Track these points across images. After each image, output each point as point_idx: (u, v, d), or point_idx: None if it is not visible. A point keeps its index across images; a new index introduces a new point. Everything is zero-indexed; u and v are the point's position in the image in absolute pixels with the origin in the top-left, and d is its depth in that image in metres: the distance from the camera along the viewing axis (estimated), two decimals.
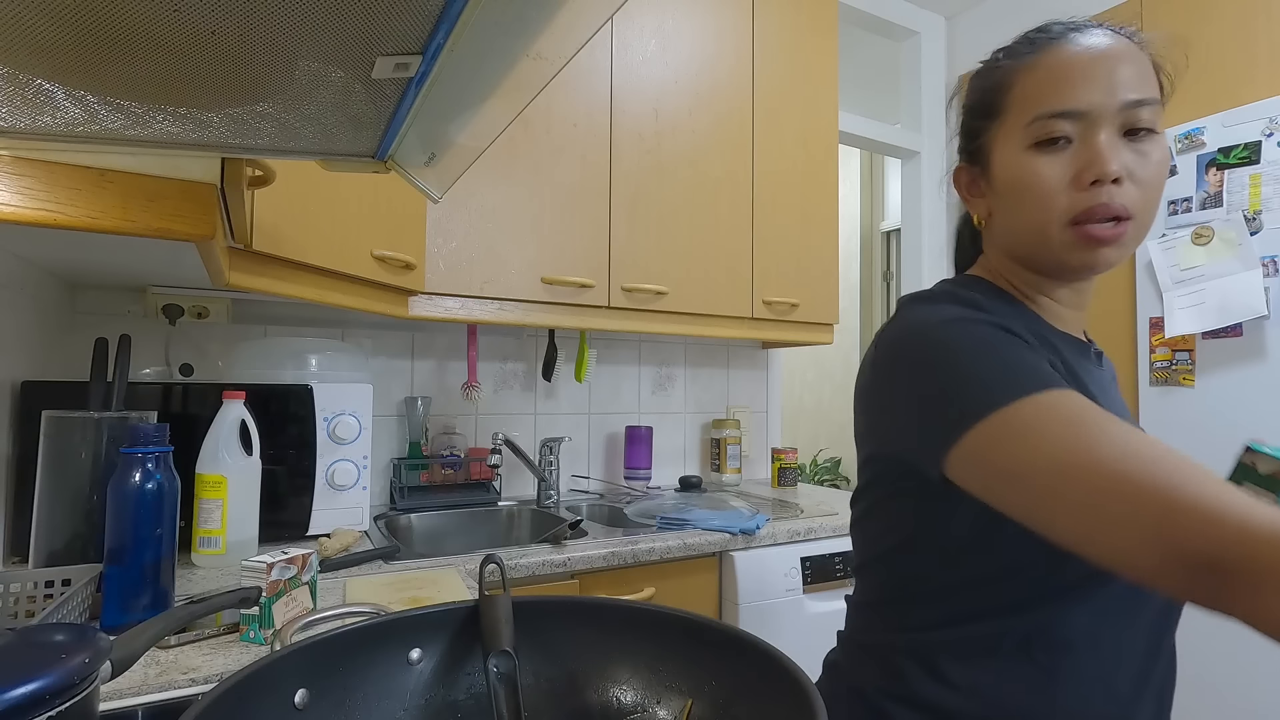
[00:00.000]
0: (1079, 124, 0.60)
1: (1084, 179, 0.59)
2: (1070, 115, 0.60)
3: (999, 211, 0.67)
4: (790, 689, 0.43)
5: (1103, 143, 0.58)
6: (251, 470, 1.16)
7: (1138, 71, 0.59)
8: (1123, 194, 0.59)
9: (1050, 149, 0.61)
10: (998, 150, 0.65)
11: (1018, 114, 0.63)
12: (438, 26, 0.40)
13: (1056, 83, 0.60)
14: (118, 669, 0.47)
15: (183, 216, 0.63)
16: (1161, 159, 0.60)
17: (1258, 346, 1.72)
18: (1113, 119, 0.59)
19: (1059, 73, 0.61)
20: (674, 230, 1.79)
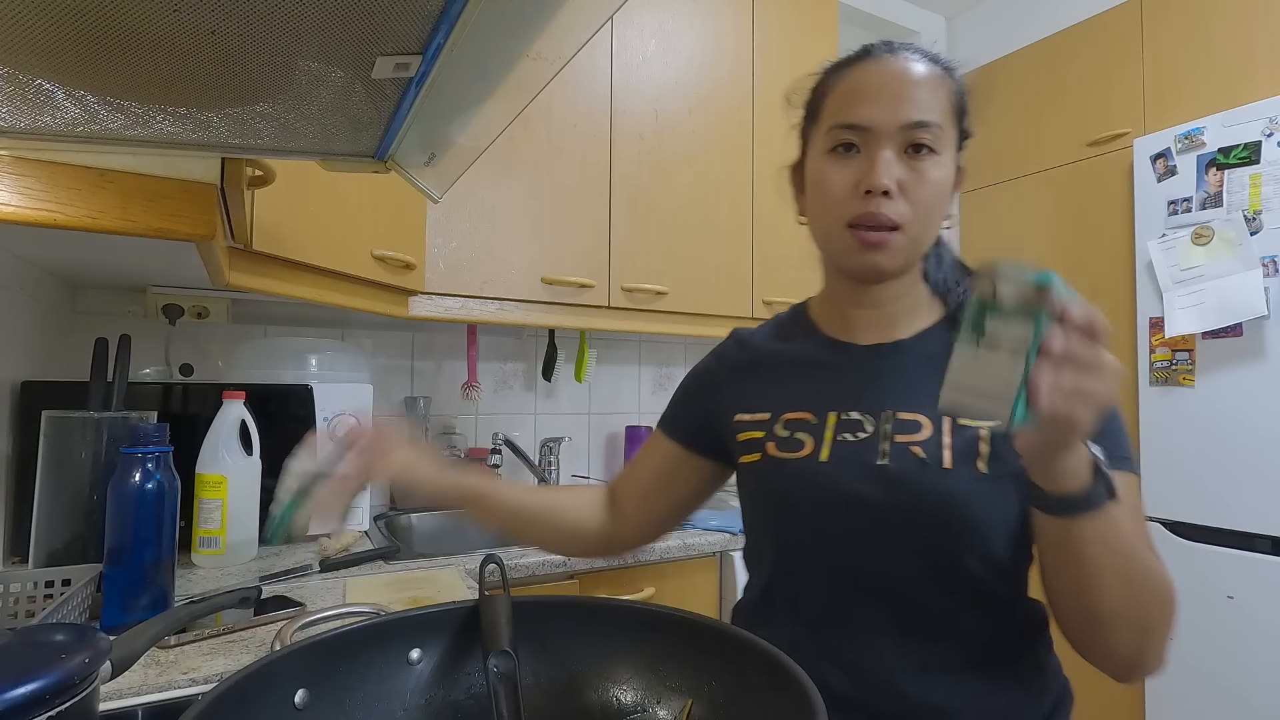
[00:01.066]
0: (864, 136, 0.65)
1: (859, 187, 0.64)
2: (856, 128, 0.65)
3: (808, 211, 0.73)
4: (790, 689, 0.43)
5: (879, 157, 0.64)
6: (251, 470, 1.16)
7: (928, 97, 0.65)
8: (893, 206, 0.64)
9: (841, 156, 0.67)
10: (809, 152, 0.71)
11: (825, 120, 0.69)
12: (438, 26, 0.40)
13: (853, 97, 0.67)
14: (118, 669, 0.47)
15: (183, 216, 0.63)
16: (939, 179, 0.65)
17: (1258, 346, 1.72)
18: (894, 136, 0.64)
19: (856, 88, 0.67)
20: (674, 230, 1.79)
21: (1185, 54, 2.02)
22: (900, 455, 0.64)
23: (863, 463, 0.65)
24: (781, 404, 0.73)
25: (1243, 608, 1.71)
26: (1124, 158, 2.10)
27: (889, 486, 0.63)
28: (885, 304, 0.72)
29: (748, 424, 0.74)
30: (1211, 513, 1.81)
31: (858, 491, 0.65)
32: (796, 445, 0.70)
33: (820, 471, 0.67)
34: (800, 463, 0.68)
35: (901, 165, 0.64)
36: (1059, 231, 2.31)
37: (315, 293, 1.15)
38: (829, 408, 0.70)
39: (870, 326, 0.73)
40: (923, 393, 0.66)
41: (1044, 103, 2.39)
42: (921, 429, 0.65)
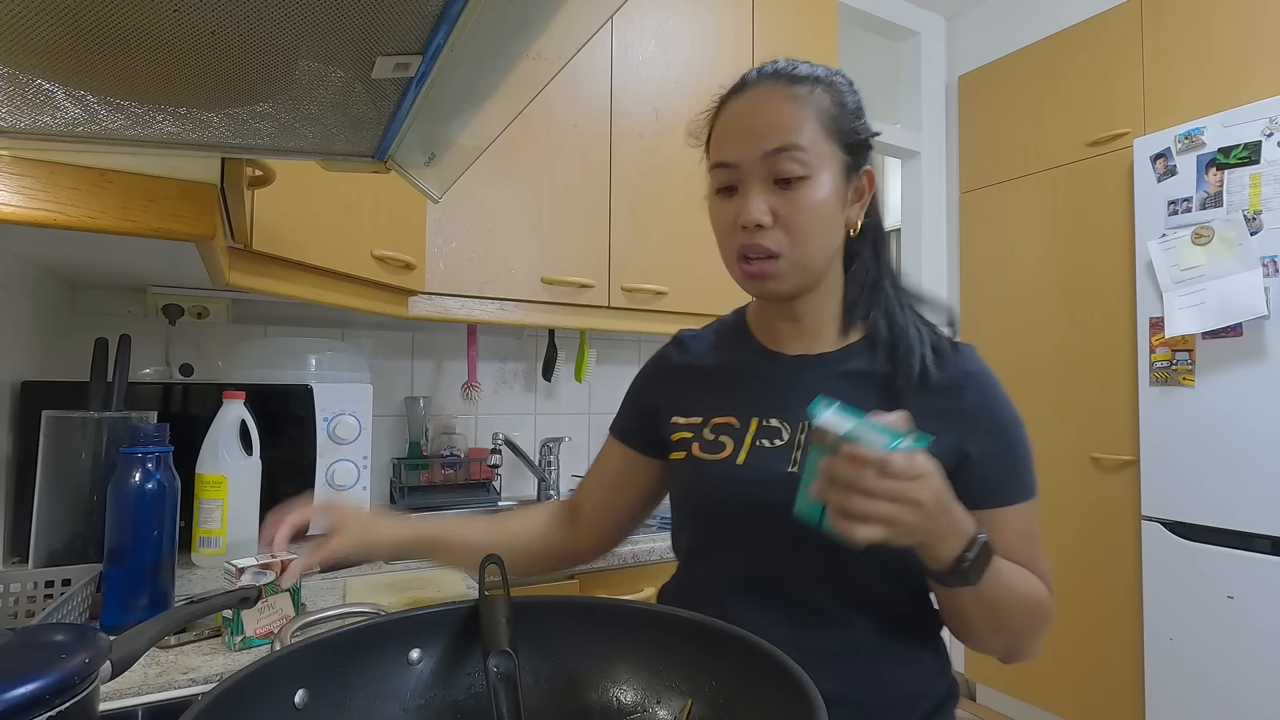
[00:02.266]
0: (735, 174, 0.68)
1: (738, 223, 0.68)
2: (726, 166, 0.69)
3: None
4: (790, 689, 0.43)
5: (749, 192, 0.67)
6: (251, 470, 1.16)
7: (789, 121, 0.66)
8: (769, 236, 0.67)
9: (724, 195, 0.70)
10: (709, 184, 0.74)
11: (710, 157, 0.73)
12: (438, 26, 0.40)
13: (723, 136, 0.70)
14: (118, 669, 0.47)
15: (183, 216, 0.63)
16: (814, 201, 0.66)
17: (1258, 346, 1.72)
18: (758, 168, 0.67)
19: (725, 126, 0.70)
20: (674, 230, 1.79)
21: (1185, 54, 2.02)
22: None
23: (774, 469, 0.69)
24: (711, 409, 0.76)
25: (1243, 608, 1.71)
26: (1124, 158, 2.10)
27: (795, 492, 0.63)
28: (803, 316, 0.75)
29: (681, 426, 0.77)
30: (1211, 513, 1.81)
31: (765, 495, 0.68)
32: (718, 447, 0.73)
33: (735, 474, 0.71)
34: (719, 464, 0.72)
35: (774, 195, 0.67)
36: (1059, 231, 2.31)
37: (315, 293, 1.15)
38: (752, 413, 0.73)
39: (795, 338, 0.76)
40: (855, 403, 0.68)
41: (1044, 103, 2.39)
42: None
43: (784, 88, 0.68)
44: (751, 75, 0.71)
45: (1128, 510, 2.05)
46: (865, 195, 0.73)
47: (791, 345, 0.76)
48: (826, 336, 0.75)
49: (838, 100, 0.69)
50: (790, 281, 0.69)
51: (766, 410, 0.73)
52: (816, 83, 0.68)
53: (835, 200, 0.68)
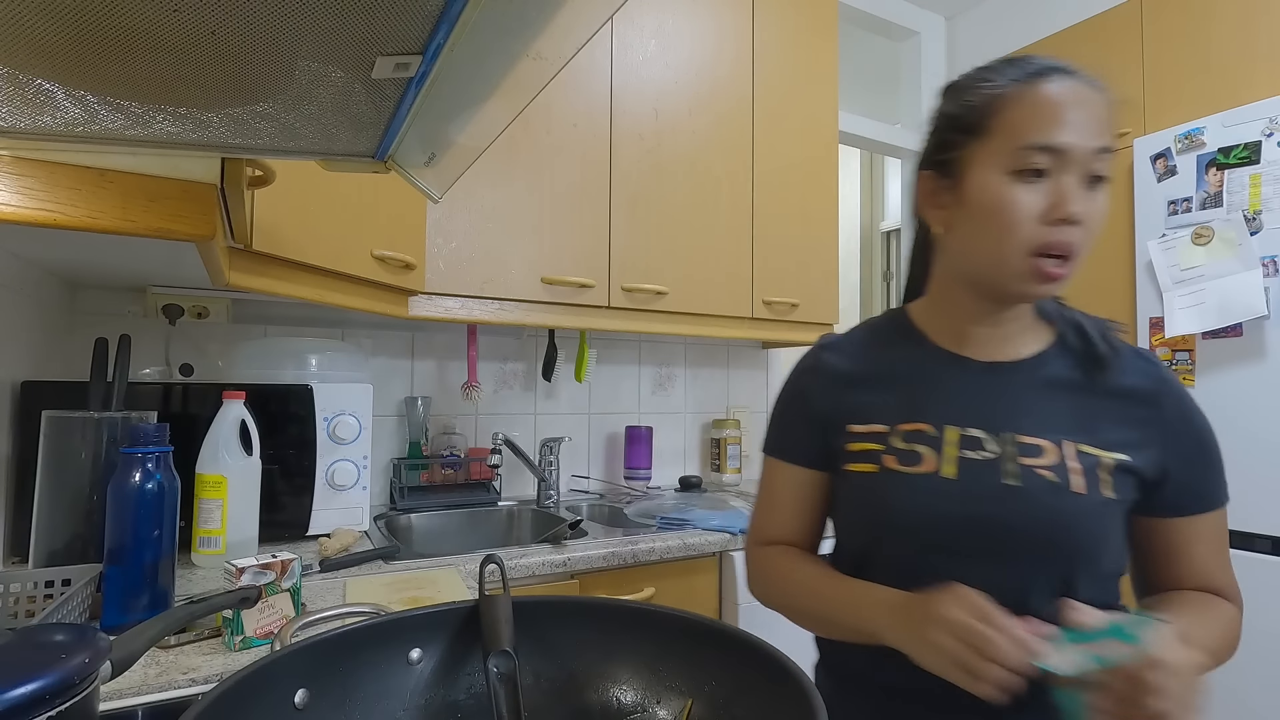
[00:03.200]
0: (1056, 160, 0.63)
1: (1051, 215, 0.63)
2: (1052, 150, 0.63)
3: (961, 229, 0.69)
4: (790, 689, 0.43)
5: (1068, 186, 0.63)
6: (251, 470, 1.16)
7: (1106, 120, 0.64)
8: (1075, 234, 0.63)
9: (1028, 180, 0.64)
10: (975, 170, 0.67)
11: (1003, 138, 0.65)
12: (438, 26, 0.40)
13: (1044, 116, 0.63)
14: (118, 669, 0.47)
15: (183, 216, 0.63)
16: (1105, 208, 0.65)
17: (1258, 346, 1.72)
18: (1083, 162, 0.63)
19: (1048, 108, 0.64)
20: (674, 230, 1.79)
21: (1185, 54, 2.02)
22: (1029, 477, 0.65)
23: (990, 482, 0.66)
24: (895, 414, 0.72)
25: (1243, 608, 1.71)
26: (1124, 158, 2.10)
27: (1021, 507, 0.65)
28: (1006, 323, 0.72)
29: (860, 434, 0.73)
30: None
31: (986, 511, 0.65)
32: (915, 459, 0.69)
33: (945, 489, 0.67)
34: (922, 478, 0.68)
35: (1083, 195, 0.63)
36: None
37: (315, 293, 1.15)
38: (947, 421, 0.69)
39: (986, 343, 0.73)
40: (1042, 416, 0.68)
41: None
42: (1044, 453, 0.66)
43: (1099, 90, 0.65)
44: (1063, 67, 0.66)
45: None
46: None
47: (981, 350, 0.73)
48: (1018, 342, 0.73)
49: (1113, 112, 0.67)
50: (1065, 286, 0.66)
51: (964, 419, 0.69)
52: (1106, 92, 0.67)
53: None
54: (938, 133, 0.72)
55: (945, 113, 0.72)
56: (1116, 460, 0.66)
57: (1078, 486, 0.65)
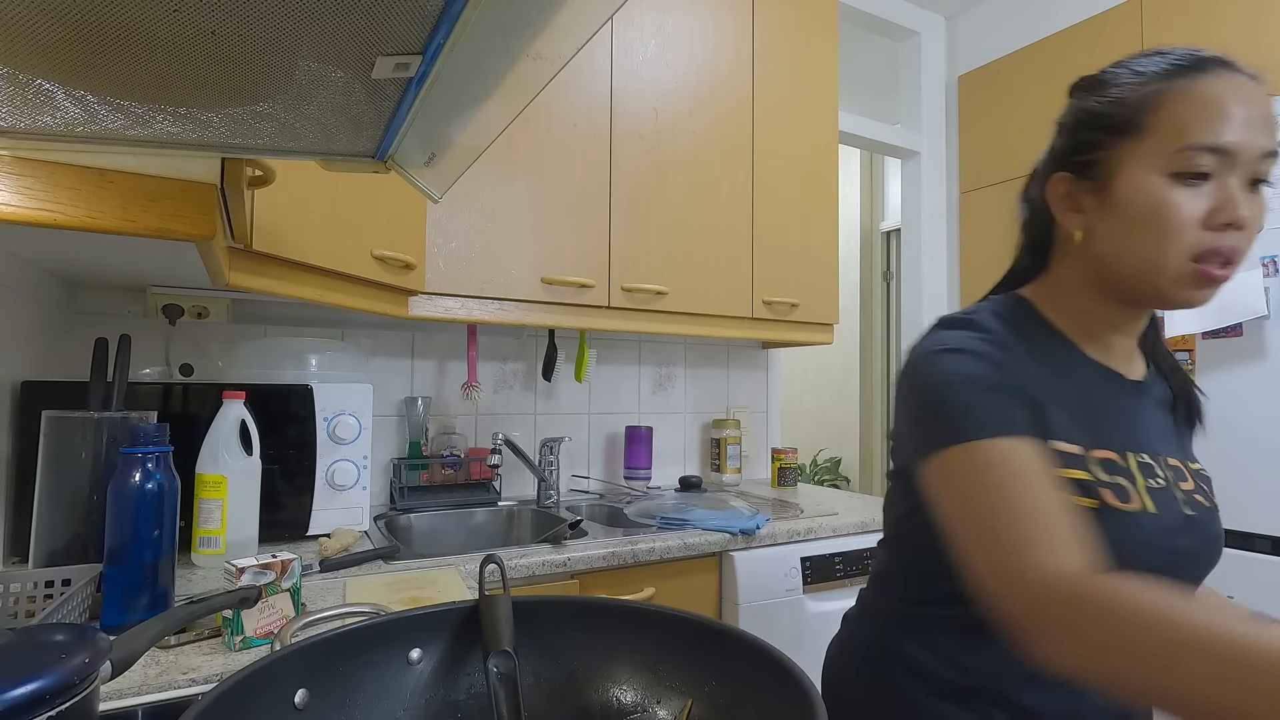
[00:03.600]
0: (1222, 161, 0.59)
1: (1216, 219, 0.59)
2: (1219, 151, 0.58)
3: (1109, 233, 0.64)
4: (790, 689, 0.43)
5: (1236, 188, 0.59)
6: (251, 470, 1.16)
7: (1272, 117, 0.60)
8: (1239, 239, 0.59)
9: (1191, 183, 0.59)
10: (1127, 171, 0.62)
11: (1163, 139, 0.60)
12: (438, 26, 0.40)
13: (1211, 115, 0.59)
14: (118, 669, 0.47)
15: (183, 216, 0.63)
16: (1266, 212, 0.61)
17: (1258, 346, 1.72)
18: (1250, 163, 0.59)
19: (1215, 105, 0.59)
20: (674, 230, 1.79)
21: None
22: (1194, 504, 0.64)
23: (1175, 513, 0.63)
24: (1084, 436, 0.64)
25: None
26: None
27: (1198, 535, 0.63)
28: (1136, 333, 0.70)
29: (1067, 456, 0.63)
30: None
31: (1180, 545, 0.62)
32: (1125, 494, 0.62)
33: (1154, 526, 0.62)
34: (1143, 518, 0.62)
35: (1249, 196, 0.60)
36: None
37: (315, 293, 1.15)
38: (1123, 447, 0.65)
39: (1123, 356, 0.70)
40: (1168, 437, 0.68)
41: (1044, 103, 2.39)
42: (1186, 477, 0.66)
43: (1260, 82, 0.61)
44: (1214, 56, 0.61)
45: None
46: None
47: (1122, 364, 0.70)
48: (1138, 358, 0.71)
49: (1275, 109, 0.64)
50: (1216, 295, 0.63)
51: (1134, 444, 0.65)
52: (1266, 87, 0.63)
53: None
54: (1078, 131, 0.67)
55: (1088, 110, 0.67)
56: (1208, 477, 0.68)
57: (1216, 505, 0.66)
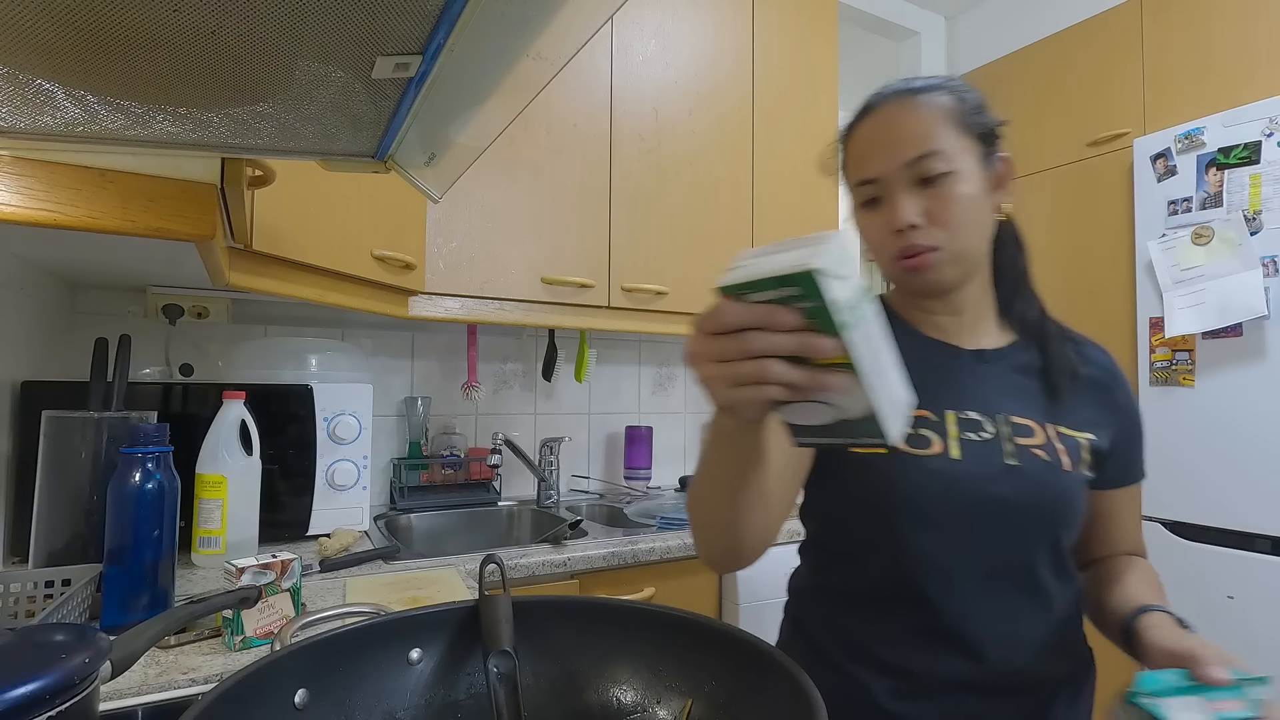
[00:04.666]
0: (879, 186, 0.72)
1: (890, 229, 0.71)
2: (869, 182, 0.72)
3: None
4: (790, 689, 0.43)
5: (895, 199, 0.71)
6: (251, 470, 1.16)
7: (923, 128, 0.70)
8: (924, 234, 0.70)
9: (869, 208, 0.74)
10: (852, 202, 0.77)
11: (849, 179, 0.76)
12: (438, 26, 0.40)
13: (856, 156, 0.75)
14: (118, 669, 0.47)
15: (183, 216, 0.63)
16: (962, 193, 0.70)
17: (1258, 346, 1.72)
18: (901, 176, 0.70)
19: (856, 148, 0.75)
20: (674, 230, 1.79)
21: (1185, 54, 2.02)
22: (1025, 456, 0.71)
23: (993, 462, 0.71)
24: None
25: (1243, 608, 1.71)
26: (1124, 158, 2.10)
27: (1021, 484, 0.70)
28: (965, 309, 0.78)
29: None
30: (1211, 513, 1.80)
31: (993, 491, 0.70)
32: (924, 442, 0.72)
33: (955, 470, 0.70)
34: (932, 460, 0.71)
35: (921, 196, 0.70)
36: (1059, 231, 2.31)
37: (315, 293, 1.15)
38: (945, 406, 0.74)
39: (960, 331, 0.78)
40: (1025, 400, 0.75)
41: (1044, 103, 2.39)
42: (1034, 434, 0.73)
43: (909, 99, 0.72)
44: (874, 98, 0.75)
45: None
46: (1007, 181, 0.76)
47: (962, 339, 0.78)
48: (991, 330, 0.80)
49: (959, 98, 0.73)
50: (951, 272, 0.72)
51: (959, 403, 0.74)
52: (936, 89, 0.73)
53: (980, 189, 0.71)
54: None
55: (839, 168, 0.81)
56: (1089, 440, 0.74)
57: (1066, 465, 0.72)
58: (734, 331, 0.42)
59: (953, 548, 0.70)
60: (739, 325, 0.41)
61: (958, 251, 0.71)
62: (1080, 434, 0.74)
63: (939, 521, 0.70)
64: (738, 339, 0.41)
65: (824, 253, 0.38)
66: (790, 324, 0.40)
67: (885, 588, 0.72)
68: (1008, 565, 0.70)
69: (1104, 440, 0.76)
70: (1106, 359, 0.81)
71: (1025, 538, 0.70)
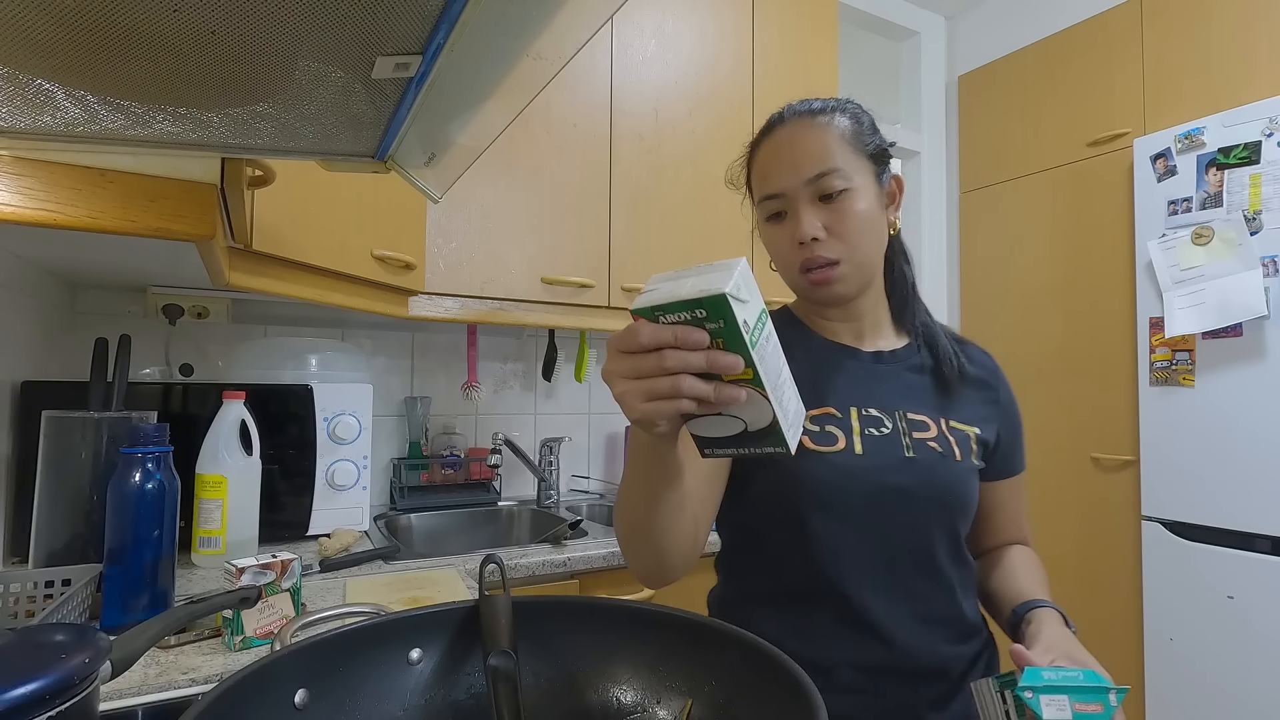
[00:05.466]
0: (783, 201, 0.77)
1: (794, 241, 0.76)
2: (773, 196, 0.77)
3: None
4: (790, 689, 0.43)
5: (800, 215, 0.75)
6: (251, 470, 1.16)
7: (821, 147, 0.75)
8: (826, 247, 0.75)
9: (775, 221, 0.79)
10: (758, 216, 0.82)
11: (755, 194, 0.81)
12: (438, 26, 0.40)
13: (761, 173, 0.79)
14: (118, 669, 0.47)
15: (183, 216, 0.63)
16: (859, 210, 0.75)
17: (1258, 346, 1.72)
18: (803, 192, 0.75)
19: (761, 165, 0.80)
20: (674, 230, 1.79)
21: (1185, 54, 2.02)
22: (921, 449, 0.76)
23: (893, 454, 0.75)
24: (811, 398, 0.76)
25: (1243, 608, 1.71)
26: (1124, 158, 2.10)
27: (919, 474, 0.74)
28: (862, 316, 0.83)
29: None
30: (1211, 513, 1.80)
31: (892, 481, 0.74)
32: (830, 439, 0.76)
33: (858, 464, 0.74)
34: (837, 456, 0.75)
35: (822, 212, 0.75)
36: (1059, 231, 2.31)
37: (315, 293, 1.15)
38: (849, 404, 0.78)
39: (859, 336, 0.84)
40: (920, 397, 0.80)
41: (1044, 103, 2.39)
42: (929, 428, 0.78)
43: (809, 120, 0.77)
44: (776, 117, 0.80)
45: (1128, 510, 2.05)
46: (897, 198, 0.81)
47: (861, 342, 0.83)
48: (887, 334, 0.85)
49: (855, 120, 0.78)
50: (852, 283, 0.77)
51: (862, 400, 0.78)
52: (834, 110, 0.77)
53: (875, 205, 0.77)
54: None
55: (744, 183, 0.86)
56: (975, 433, 0.80)
57: (958, 455, 0.77)
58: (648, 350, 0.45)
59: (860, 538, 0.74)
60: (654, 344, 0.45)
61: (857, 263, 0.76)
62: (969, 427, 0.80)
63: (846, 513, 0.74)
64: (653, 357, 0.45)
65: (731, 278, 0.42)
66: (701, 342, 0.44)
67: (799, 583, 0.76)
68: (910, 552, 0.74)
69: (989, 434, 0.81)
70: (989, 360, 0.87)
71: (925, 525, 0.75)
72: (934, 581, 0.75)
